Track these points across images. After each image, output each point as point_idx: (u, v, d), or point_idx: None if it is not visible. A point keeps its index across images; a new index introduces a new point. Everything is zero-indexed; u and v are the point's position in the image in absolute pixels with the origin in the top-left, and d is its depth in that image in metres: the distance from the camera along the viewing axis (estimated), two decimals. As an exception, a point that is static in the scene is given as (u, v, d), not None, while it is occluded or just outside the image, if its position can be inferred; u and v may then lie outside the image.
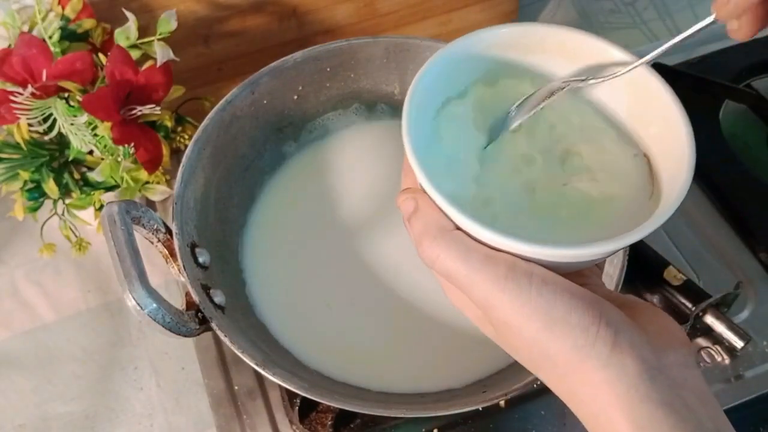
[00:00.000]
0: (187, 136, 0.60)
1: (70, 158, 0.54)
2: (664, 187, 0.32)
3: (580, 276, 0.32)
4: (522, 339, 0.29)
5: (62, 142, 0.54)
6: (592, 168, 0.35)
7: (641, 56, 0.36)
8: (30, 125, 0.52)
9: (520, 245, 0.28)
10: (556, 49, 0.35)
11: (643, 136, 0.35)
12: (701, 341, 0.54)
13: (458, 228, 0.30)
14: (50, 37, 0.52)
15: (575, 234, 0.32)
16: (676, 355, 0.28)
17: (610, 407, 0.27)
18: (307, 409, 0.50)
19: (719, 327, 0.53)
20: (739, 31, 0.31)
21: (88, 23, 0.55)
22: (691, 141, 0.31)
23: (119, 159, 0.52)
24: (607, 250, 0.29)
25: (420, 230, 0.30)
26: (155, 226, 0.45)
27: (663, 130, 0.33)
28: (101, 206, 0.56)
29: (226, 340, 0.41)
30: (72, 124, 0.52)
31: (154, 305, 0.38)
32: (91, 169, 0.55)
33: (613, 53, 0.35)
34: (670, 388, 0.27)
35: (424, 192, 0.30)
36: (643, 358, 0.27)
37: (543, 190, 0.34)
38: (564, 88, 0.34)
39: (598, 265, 0.35)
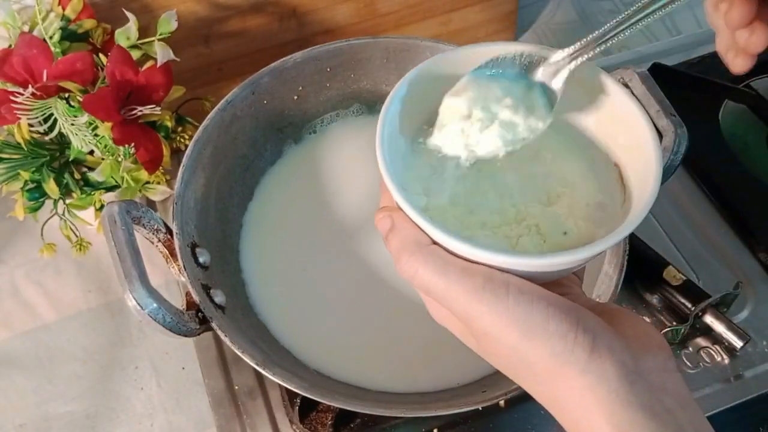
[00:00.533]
0: (187, 137, 0.60)
1: (71, 158, 0.54)
2: (635, 194, 0.32)
3: (559, 286, 0.32)
4: (502, 348, 0.29)
5: (63, 142, 0.54)
6: (564, 182, 0.35)
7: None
8: (30, 125, 0.52)
9: (495, 257, 0.29)
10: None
11: (612, 146, 0.35)
12: (701, 341, 0.54)
13: (434, 242, 0.30)
14: (51, 38, 0.52)
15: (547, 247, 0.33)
16: (655, 360, 0.29)
17: (592, 413, 0.27)
18: (307, 409, 0.50)
19: (719, 327, 0.53)
20: (734, 63, 0.32)
21: (88, 23, 0.55)
22: (657, 149, 0.32)
23: (120, 159, 0.52)
24: (580, 258, 0.29)
25: (397, 246, 0.31)
26: (156, 226, 0.45)
27: (630, 139, 0.34)
28: (102, 206, 0.56)
29: (226, 340, 0.42)
30: (72, 125, 0.52)
31: (155, 305, 0.38)
32: (91, 169, 0.55)
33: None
34: (650, 392, 0.27)
35: (400, 209, 0.31)
36: (623, 363, 0.28)
37: (513, 205, 0.34)
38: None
39: (577, 274, 0.35)
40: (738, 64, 0.33)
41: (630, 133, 0.33)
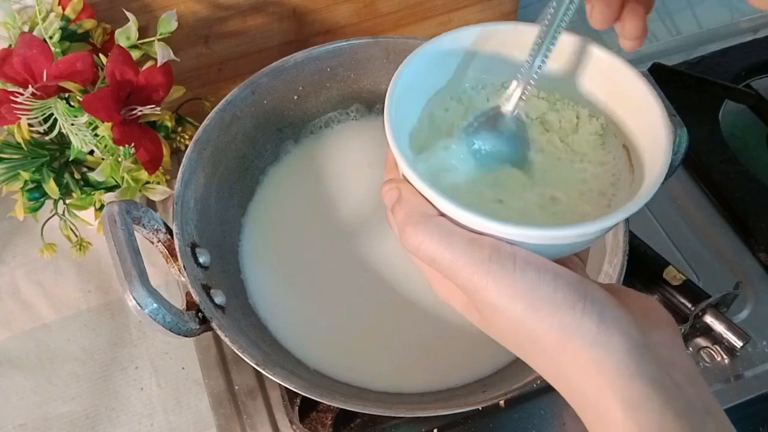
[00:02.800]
0: (187, 137, 0.60)
1: (71, 158, 0.54)
2: (646, 173, 0.32)
3: (562, 263, 0.32)
4: (508, 321, 0.29)
5: (63, 142, 0.54)
6: (580, 157, 0.35)
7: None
8: (30, 125, 0.52)
9: (505, 228, 0.28)
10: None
11: (622, 127, 0.35)
12: (701, 341, 0.54)
13: (442, 214, 0.30)
14: (51, 38, 0.52)
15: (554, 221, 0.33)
16: (662, 335, 0.28)
17: (600, 386, 0.27)
18: (307, 409, 0.50)
19: (719, 327, 0.53)
20: (592, 14, 0.32)
21: (88, 23, 0.55)
22: (668, 125, 0.32)
23: (120, 159, 0.52)
24: (590, 231, 0.29)
25: (402, 218, 0.30)
26: (156, 226, 0.45)
27: (640, 120, 0.34)
28: (102, 206, 0.56)
29: (226, 340, 0.42)
30: (72, 125, 0.52)
31: (155, 305, 0.38)
32: (91, 169, 0.55)
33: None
34: (659, 366, 0.27)
35: (407, 181, 0.31)
36: (631, 336, 0.27)
37: (518, 183, 0.34)
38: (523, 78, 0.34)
39: (581, 258, 0.35)
40: (627, 46, 0.35)
41: (641, 115, 0.34)
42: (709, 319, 0.54)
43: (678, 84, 0.68)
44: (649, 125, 0.33)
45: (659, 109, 0.32)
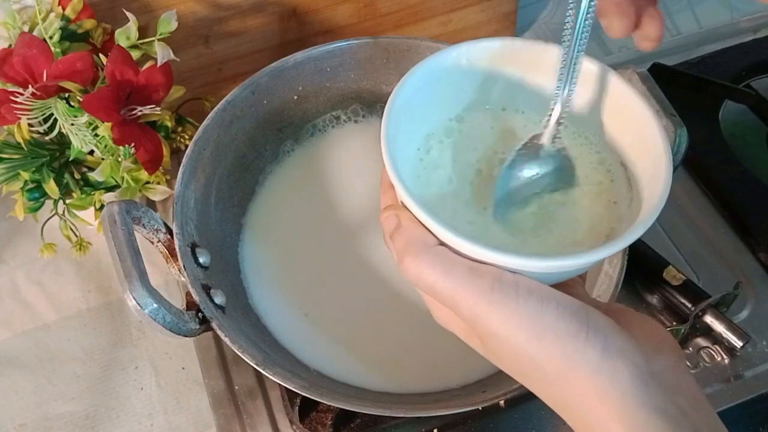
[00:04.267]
0: (187, 137, 0.60)
1: (71, 158, 0.54)
2: (644, 194, 0.32)
3: (564, 287, 0.32)
4: (510, 350, 0.28)
5: (63, 142, 0.54)
6: (579, 180, 0.35)
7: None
8: (30, 125, 0.52)
9: (507, 258, 0.28)
10: (530, 62, 0.36)
11: (620, 145, 0.35)
12: (701, 341, 0.54)
13: (442, 243, 0.30)
14: (51, 38, 0.52)
15: (549, 244, 0.33)
16: (666, 360, 0.28)
17: (604, 415, 0.27)
18: (307, 409, 0.51)
19: (719, 327, 0.53)
20: (610, 28, 0.32)
21: (88, 23, 0.55)
22: (667, 148, 0.32)
23: (120, 159, 0.52)
24: (593, 260, 0.29)
25: (402, 246, 0.30)
26: (156, 226, 0.45)
27: (638, 138, 0.34)
28: (102, 206, 0.56)
29: (226, 340, 0.42)
30: (72, 125, 0.52)
31: (155, 305, 0.38)
32: (91, 169, 0.55)
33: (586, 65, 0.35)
34: (664, 393, 0.27)
35: (406, 208, 0.30)
36: (635, 364, 0.27)
37: (517, 206, 0.34)
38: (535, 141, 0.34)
39: (581, 275, 0.35)
40: (646, 46, 0.35)
41: (638, 132, 0.33)
42: (709, 319, 0.54)
43: (678, 84, 0.68)
44: (647, 143, 0.33)
45: (658, 129, 0.32)
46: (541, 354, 0.28)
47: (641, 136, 0.33)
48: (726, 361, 0.53)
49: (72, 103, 0.52)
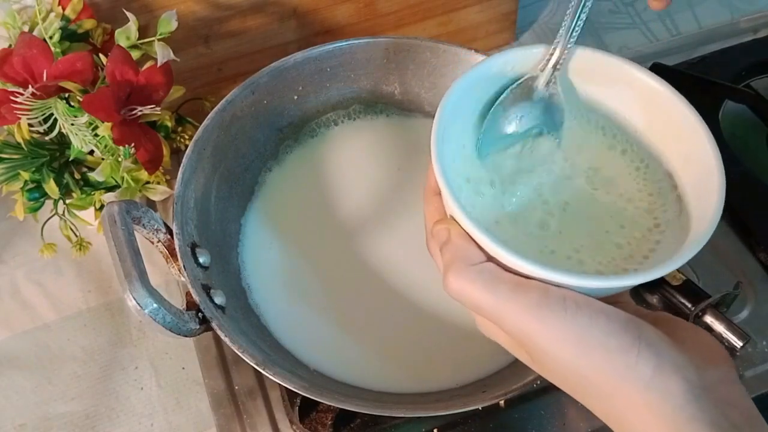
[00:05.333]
0: (187, 137, 0.60)
1: (71, 158, 0.54)
2: (692, 206, 0.32)
3: (609, 297, 0.31)
4: (560, 366, 0.28)
5: (63, 142, 0.54)
6: (624, 196, 0.35)
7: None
8: (30, 125, 0.52)
9: (561, 277, 0.27)
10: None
11: (665, 153, 0.35)
12: (701, 341, 0.54)
13: (490, 259, 0.29)
14: (51, 38, 0.52)
15: (596, 257, 0.32)
16: (718, 372, 0.28)
17: (656, 430, 0.26)
18: (307, 409, 0.50)
19: (719, 327, 0.53)
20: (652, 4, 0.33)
21: (88, 23, 0.55)
22: (718, 156, 0.31)
23: (120, 159, 0.52)
24: (648, 279, 0.28)
25: (447, 261, 0.30)
26: (156, 226, 0.45)
27: (684, 147, 0.33)
28: (102, 206, 0.56)
29: (226, 340, 0.42)
30: (72, 125, 0.52)
31: (155, 305, 0.38)
32: (91, 169, 0.55)
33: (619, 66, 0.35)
34: (716, 407, 0.26)
35: (455, 220, 0.30)
36: (687, 378, 0.27)
37: (565, 215, 0.34)
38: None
39: None
40: (656, 6, 0.35)
41: (685, 142, 0.33)
42: (709, 319, 0.53)
43: (678, 84, 0.67)
44: (695, 153, 0.32)
45: (708, 139, 0.32)
46: (591, 371, 0.27)
47: (689, 146, 0.33)
48: (726, 361, 0.53)
49: (72, 103, 0.52)
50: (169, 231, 0.45)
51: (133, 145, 0.51)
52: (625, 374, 0.26)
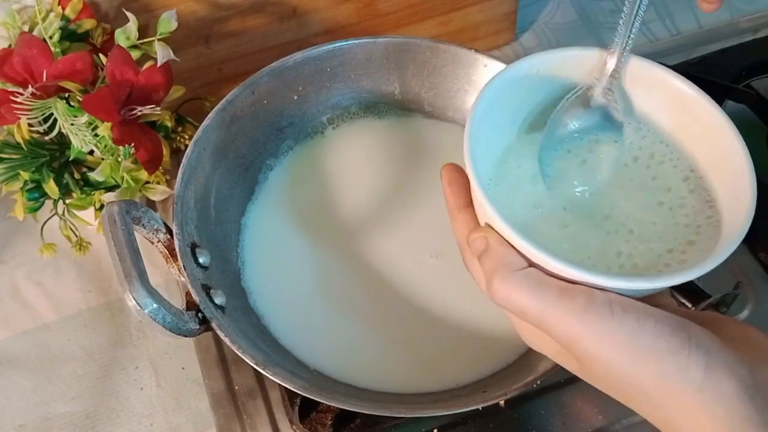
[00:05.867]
0: (187, 137, 0.60)
1: (71, 158, 0.54)
2: (723, 206, 0.32)
3: (651, 297, 0.31)
4: (609, 371, 0.27)
5: (63, 142, 0.54)
6: (661, 191, 0.35)
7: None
8: (30, 125, 0.52)
9: (603, 280, 0.27)
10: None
11: (692, 153, 0.35)
12: (701, 341, 0.54)
13: (532, 264, 0.29)
14: (50, 38, 0.52)
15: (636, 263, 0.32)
16: None
17: None
18: (307, 409, 0.50)
19: (719, 327, 0.53)
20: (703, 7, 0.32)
21: (88, 23, 0.55)
22: (746, 154, 0.32)
23: (120, 159, 0.52)
24: (691, 278, 0.29)
25: (489, 270, 0.29)
26: (155, 226, 0.45)
27: (714, 149, 0.33)
28: (101, 206, 0.56)
29: (226, 341, 0.42)
30: (72, 125, 0.52)
31: (155, 305, 0.38)
32: (91, 169, 0.55)
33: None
34: None
35: (492, 229, 0.30)
36: (739, 378, 0.26)
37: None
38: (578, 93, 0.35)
39: None
40: (707, 8, 0.35)
41: (714, 144, 0.33)
42: (709, 319, 0.53)
43: (678, 84, 0.68)
44: (723, 154, 0.33)
45: (737, 140, 0.32)
46: (642, 375, 0.27)
47: (717, 147, 0.33)
48: (726, 361, 0.53)
49: (72, 103, 0.52)
50: (169, 231, 0.45)
51: (132, 145, 0.51)
52: (676, 377, 0.26)
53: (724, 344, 0.27)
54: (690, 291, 0.54)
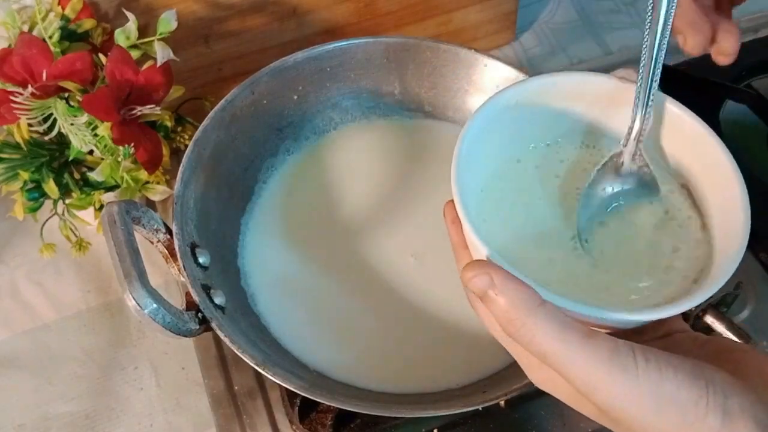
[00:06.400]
0: (187, 136, 0.60)
1: (70, 158, 0.54)
2: (715, 221, 0.32)
3: (663, 322, 0.31)
4: (630, 421, 0.27)
5: (62, 142, 0.54)
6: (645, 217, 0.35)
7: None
8: (30, 125, 0.52)
9: (621, 316, 0.27)
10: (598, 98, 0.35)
11: (679, 168, 0.35)
12: (701, 341, 0.54)
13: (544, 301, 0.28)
14: (50, 37, 0.52)
15: (632, 284, 0.32)
16: None
17: None
18: (307, 409, 0.50)
19: (719, 327, 0.53)
20: (686, 45, 0.32)
21: (88, 23, 0.55)
22: (736, 168, 0.32)
23: (119, 159, 0.52)
24: (696, 304, 0.29)
25: (504, 308, 0.27)
26: (155, 226, 0.45)
27: (703, 163, 0.34)
28: (101, 206, 0.56)
29: (226, 341, 0.42)
30: (72, 124, 0.52)
31: (154, 305, 0.38)
32: (91, 169, 0.55)
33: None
34: None
35: (492, 263, 0.28)
36: (757, 420, 0.26)
37: (598, 224, 0.34)
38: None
39: None
40: (722, 61, 0.34)
41: (701, 158, 0.33)
42: (709, 319, 0.53)
43: (678, 84, 0.68)
44: (711, 166, 0.33)
45: (722, 150, 0.33)
46: (663, 425, 0.26)
47: (706, 160, 0.33)
48: (726, 361, 0.53)
49: (71, 103, 0.52)
50: (169, 231, 0.45)
51: (132, 144, 0.51)
52: (695, 426, 0.26)
53: (740, 385, 0.27)
54: (690, 291, 0.54)
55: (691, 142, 0.34)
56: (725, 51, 0.33)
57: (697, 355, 0.30)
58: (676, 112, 0.34)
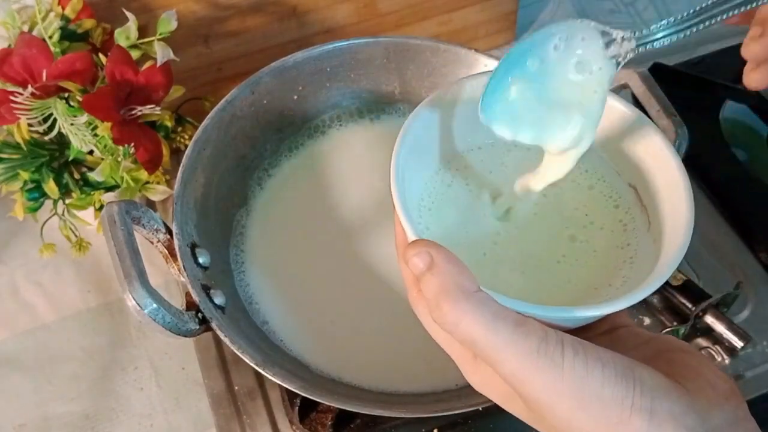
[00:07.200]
0: (187, 136, 0.60)
1: (70, 158, 0.54)
2: (663, 218, 0.32)
3: (606, 318, 0.31)
4: (555, 416, 0.26)
5: (62, 142, 0.54)
6: (588, 210, 0.35)
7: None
8: (30, 125, 0.52)
9: (549, 312, 0.27)
10: None
11: (625, 167, 0.35)
12: (701, 341, 0.54)
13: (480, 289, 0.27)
14: (50, 37, 0.52)
15: (571, 283, 0.32)
16: (723, 414, 0.26)
17: None
18: (307, 409, 0.50)
19: (719, 327, 0.53)
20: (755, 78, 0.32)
21: (88, 23, 0.55)
22: (682, 172, 0.31)
23: (119, 159, 0.52)
24: (637, 300, 0.28)
25: (436, 290, 0.26)
26: (155, 226, 0.45)
27: (652, 163, 0.33)
28: (101, 206, 0.56)
29: (226, 341, 0.41)
30: (72, 124, 0.52)
31: (154, 305, 0.38)
32: (91, 169, 0.55)
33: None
34: None
35: (436, 244, 0.28)
36: (686, 426, 0.25)
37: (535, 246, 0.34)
38: None
39: None
40: (753, 78, 0.34)
41: (650, 157, 0.33)
42: (709, 319, 0.53)
43: (678, 84, 0.68)
44: (659, 166, 0.33)
45: (675, 162, 0.32)
46: (587, 424, 0.26)
47: (649, 157, 0.33)
48: (726, 361, 0.53)
49: (71, 103, 0.52)
50: (169, 231, 0.45)
51: (132, 144, 0.51)
52: (620, 428, 0.25)
53: (674, 388, 0.26)
54: (690, 291, 0.54)
55: (641, 142, 0.34)
56: None
57: (638, 352, 0.29)
58: (620, 109, 0.34)
